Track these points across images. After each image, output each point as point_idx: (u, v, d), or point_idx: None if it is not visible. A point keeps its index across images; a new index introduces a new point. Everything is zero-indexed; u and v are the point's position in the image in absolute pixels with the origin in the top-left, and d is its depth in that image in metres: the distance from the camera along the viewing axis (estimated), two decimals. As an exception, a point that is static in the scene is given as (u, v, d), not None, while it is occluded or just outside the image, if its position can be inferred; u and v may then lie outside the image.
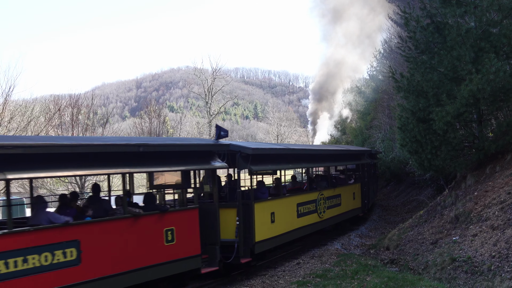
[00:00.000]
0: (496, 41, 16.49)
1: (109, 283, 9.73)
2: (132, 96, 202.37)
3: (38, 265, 8.57)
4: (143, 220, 10.66)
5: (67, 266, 9.04)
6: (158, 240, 10.93)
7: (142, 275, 10.45)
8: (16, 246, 8.30)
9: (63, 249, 9.02)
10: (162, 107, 48.10)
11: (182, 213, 11.81)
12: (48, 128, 27.55)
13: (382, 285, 11.68)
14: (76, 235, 9.29)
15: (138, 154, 10.65)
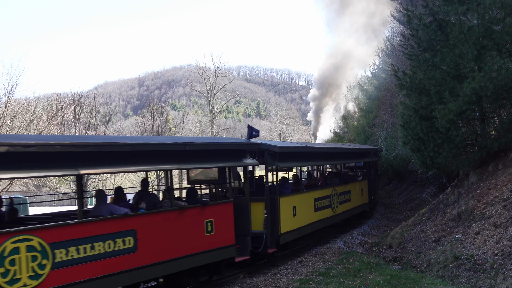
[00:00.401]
0: (499, 38, 16.45)
1: (160, 269, 10.86)
2: (135, 95, 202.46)
3: (103, 251, 9.64)
4: (187, 212, 11.79)
5: (126, 253, 10.12)
6: (200, 230, 12.06)
7: (187, 262, 11.56)
8: (86, 234, 9.37)
9: (123, 237, 10.10)
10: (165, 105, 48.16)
11: (220, 206, 12.86)
12: (51, 127, 27.57)
13: (384, 283, 11.68)
14: (133, 225, 10.36)
15: (184, 152, 11.79)
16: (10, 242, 8.26)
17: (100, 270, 9.56)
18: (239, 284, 12.68)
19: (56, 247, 8.87)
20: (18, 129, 25.18)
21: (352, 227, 22.20)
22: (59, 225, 9.23)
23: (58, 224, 9.25)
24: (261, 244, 14.24)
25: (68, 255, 9.04)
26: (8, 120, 24.40)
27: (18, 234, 8.40)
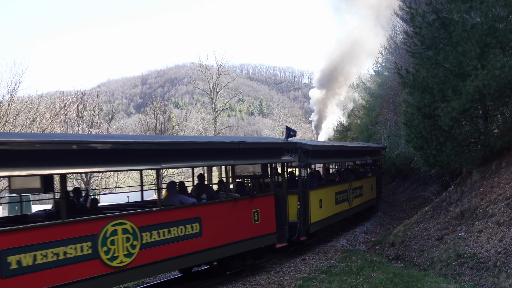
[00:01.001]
0: (502, 36, 16.43)
1: (219, 251, 12.52)
2: (137, 93, 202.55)
3: (177, 235, 11.31)
4: (239, 203, 13.43)
5: (194, 237, 11.78)
6: (249, 219, 13.77)
7: (239, 247, 13.23)
8: (164, 220, 11.03)
9: (191, 223, 11.77)
10: (167, 103, 48.03)
11: (264, 198, 14.48)
12: (54, 125, 27.60)
13: (387, 281, 11.66)
14: (199, 213, 12.02)
15: (238, 150, 13.54)
16: (110, 225, 9.93)
17: (175, 251, 11.28)
18: (242, 282, 12.68)
19: (143, 231, 10.55)
20: (21, 127, 25.21)
21: (355, 225, 22.20)
22: (145, 211, 10.85)
23: (144, 211, 10.87)
24: (295, 233, 16.01)
25: (152, 238, 10.72)
26: (11, 118, 24.41)
27: (116, 219, 10.10)
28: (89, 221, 9.72)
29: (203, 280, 13.35)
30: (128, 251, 10.17)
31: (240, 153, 13.59)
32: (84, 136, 12.21)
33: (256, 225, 13.92)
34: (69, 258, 9.13)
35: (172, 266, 11.52)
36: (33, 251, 8.63)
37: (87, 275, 9.45)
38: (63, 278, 9.03)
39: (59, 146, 9.16)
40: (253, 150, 14.29)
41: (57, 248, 8.95)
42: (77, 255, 9.29)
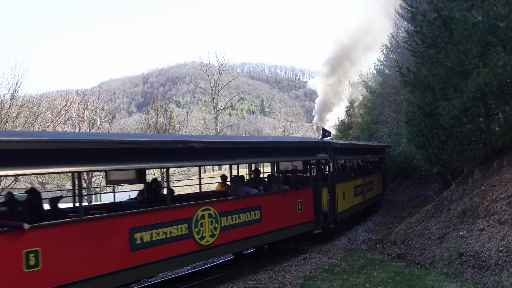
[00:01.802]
0: (504, 35, 16.40)
1: (274, 235, 14.73)
2: (139, 92, 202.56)
3: (243, 220, 13.46)
4: (288, 194, 15.62)
5: (256, 222, 13.95)
6: (294, 208, 15.94)
7: (288, 232, 15.42)
8: (235, 207, 13.20)
9: (254, 211, 13.96)
10: (169, 102, 48.06)
11: (305, 190, 16.64)
12: (55, 124, 27.61)
13: (389, 280, 11.65)
14: (259, 202, 14.21)
15: (288, 149, 15.84)
16: (200, 210, 12.04)
17: (243, 234, 13.41)
18: (244, 281, 12.68)
19: (222, 216, 12.69)
20: (23, 126, 25.23)
21: (356, 224, 22.21)
22: (223, 200, 12.99)
23: (223, 199, 13.00)
24: (326, 221, 18.12)
25: (227, 222, 12.85)
26: (12, 117, 24.43)
27: (204, 205, 12.23)
28: (186, 207, 11.87)
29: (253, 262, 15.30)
30: (212, 232, 12.36)
31: (289, 151, 16.05)
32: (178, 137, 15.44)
33: (300, 213, 16.23)
34: (173, 237, 11.28)
35: (241, 246, 13.72)
36: (150, 230, 10.65)
37: (184, 251, 11.56)
38: (169, 253, 11.09)
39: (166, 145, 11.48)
40: (298, 149, 16.69)
41: (165, 228, 11.06)
42: (178, 234, 11.44)
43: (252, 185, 14.86)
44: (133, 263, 10.24)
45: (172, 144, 11.64)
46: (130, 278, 10.38)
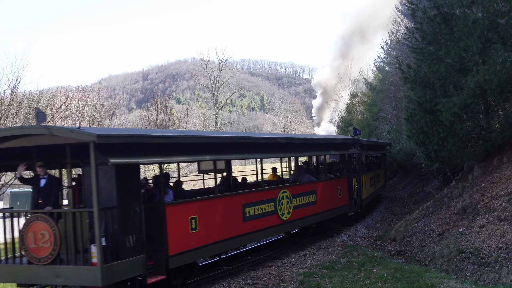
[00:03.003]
0: (504, 32, 16.38)
1: (323, 215, 18.03)
2: (139, 88, 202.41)
3: (304, 202, 16.74)
4: (332, 181, 19.09)
5: (312, 204, 17.32)
6: (336, 193, 19.31)
7: (332, 213, 18.79)
8: (301, 191, 16.62)
9: (312, 194, 17.31)
10: (169, 99, 47.91)
11: (342, 179, 20.17)
12: (55, 120, 27.57)
13: (388, 276, 11.66)
14: (315, 188, 17.63)
15: (327, 145, 19.11)
16: (281, 192, 15.37)
17: (305, 213, 16.74)
18: (243, 277, 12.69)
19: (294, 197, 16.06)
20: (23, 122, 25.18)
21: (356, 221, 22.22)
22: (294, 184, 16.56)
23: (294, 184, 16.59)
24: (355, 206, 21.21)
25: (297, 202, 16.21)
26: (12, 113, 24.38)
27: (282, 188, 15.59)
28: (272, 189, 15.26)
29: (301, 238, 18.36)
30: (288, 210, 15.64)
31: (328, 147, 19.13)
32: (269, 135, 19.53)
33: (340, 198, 19.63)
34: (265, 212, 14.43)
35: (304, 222, 16.87)
36: (253, 206, 13.92)
37: (271, 224, 14.76)
38: (262, 225, 14.27)
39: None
40: (337, 144, 20.05)
41: (261, 205, 14.30)
42: (268, 211, 14.61)
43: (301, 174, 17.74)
44: (244, 231, 13.51)
45: (266, 140, 15.65)
46: (243, 242, 14.04)
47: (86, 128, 9.77)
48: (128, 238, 9.74)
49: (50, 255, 9.53)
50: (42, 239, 9.59)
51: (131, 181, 10.04)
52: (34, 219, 9.74)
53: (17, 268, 10.04)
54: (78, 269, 9.26)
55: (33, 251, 9.69)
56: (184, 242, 11.12)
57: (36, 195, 10.59)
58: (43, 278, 9.75)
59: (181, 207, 11.28)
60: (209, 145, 12.43)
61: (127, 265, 9.59)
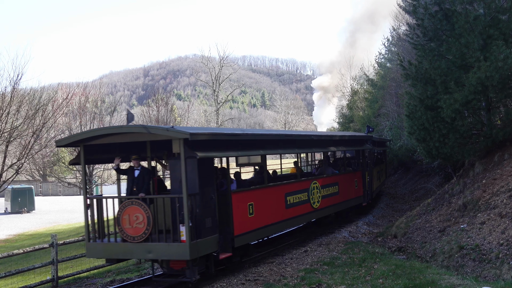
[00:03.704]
0: (505, 28, 16.33)
1: (344, 204, 20.20)
2: (140, 85, 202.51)
3: (330, 192, 18.82)
4: (350, 174, 21.53)
5: (335, 194, 19.40)
6: (353, 185, 21.58)
7: (350, 202, 21.01)
8: (327, 183, 18.65)
9: (335, 185, 19.37)
10: (170, 95, 47.82)
11: (358, 172, 22.44)
12: (56, 116, 27.57)
13: (389, 272, 11.66)
14: (337, 180, 19.75)
15: (346, 141, 21.34)
16: (312, 183, 17.42)
17: (330, 202, 18.82)
18: (245, 273, 12.71)
19: (322, 187, 18.12)
20: (24, 118, 25.21)
21: (357, 217, 22.24)
22: (323, 176, 18.64)
23: (323, 176, 18.67)
24: (367, 197, 23.41)
25: (324, 192, 18.24)
26: (13, 109, 24.39)
27: (313, 180, 17.70)
28: (305, 180, 17.25)
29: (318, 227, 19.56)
30: (318, 199, 17.68)
31: (346, 143, 21.38)
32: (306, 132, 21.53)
33: (356, 189, 21.83)
34: (300, 201, 16.45)
35: (330, 211, 18.88)
36: (292, 195, 15.91)
37: (305, 211, 16.81)
38: (299, 212, 16.26)
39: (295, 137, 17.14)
40: (355, 141, 22.66)
41: (297, 194, 16.30)
42: (303, 200, 16.64)
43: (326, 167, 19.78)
44: (286, 216, 15.48)
45: (304, 137, 17.91)
46: (286, 227, 16.08)
47: (177, 127, 11.53)
48: (207, 220, 11.67)
49: (143, 234, 11.26)
50: (136, 221, 11.32)
51: (208, 172, 11.99)
52: (129, 203, 11.47)
53: (112, 246, 11.88)
54: (169, 245, 11.09)
55: (128, 231, 11.40)
56: (244, 225, 13.10)
57: (131, 184, 12.15)
58: (137, 253, 11.63)
59: (242, 195, 13.29)
60: (263, 142, 14.70)
61: (206, 242, 11.51)
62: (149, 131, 11.38)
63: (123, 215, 11.49)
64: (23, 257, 21.61)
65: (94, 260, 16.17)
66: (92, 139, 12.07)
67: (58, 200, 63.13)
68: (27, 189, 49.46)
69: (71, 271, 15.74)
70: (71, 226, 35.52)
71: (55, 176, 34.96)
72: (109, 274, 15.07)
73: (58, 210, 49.22)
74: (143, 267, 15.43)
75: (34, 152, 26.52)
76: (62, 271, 15.74)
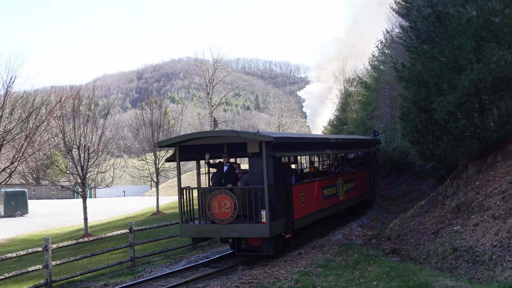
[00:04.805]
0: (498, 30, 16.38)
1: (358, 198, 23.33)
2: (133, 87, 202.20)
3: (350, 187, 21.82)
4: (362, 172, 24.64)
5: (352, 189, 22.27)
6: (363, 182, 24.56)
7: (361, 197, 24.10)
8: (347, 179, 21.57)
9: (352, 182, 22.32)
10: (163, 98, 47.74)
11: (366, 171, 25.62)
12: (50, 119, 27.42)
13: (383, 275, 11.64)
14: (353, 177, 22.74)
15: (356, 144, 24.50)
16: (338, 179, 20.25)
17: (349, 196, 21.61)
18: (239, 276, 12.68)
19: (344, 183, 20.99)
20: (17, 122, 25.06)
21: (351, 219, 22.25)
22: (344, 174, 21.46)
23: (344, 174, 21.47)
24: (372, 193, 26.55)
25: (346, 187, 21.22)
26: (6, 112, 24.23)
27: (339, 176, 20.47)
28: (333, 177, 20.15)
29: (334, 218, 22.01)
30: (342, 193, 20.54)
31: (355, 145, 24.32)
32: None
33: (365, 186, 24.79)
34: (330, 194, 19.21)
35: (349, 203, 21.73)
36: (326, 189, 18.76)
37: (333, 203, 19.54)
38: (329, 204, 19.07)
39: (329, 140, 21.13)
40: (366, 143, 25.92)
41: (329, 188, 19.13)
42: (333, 193, 19.51)
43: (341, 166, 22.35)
44: (323, 206, 18.33)
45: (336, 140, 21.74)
46: (323, 215, 18.41)
47: (262, 132, 14.43)
48: (278, 206, 14.50)
49: (230, 217, 14.02)
50: (224, 207, 14.05)
51: (279, 168, 14.81)
52: (218, 193, 14.23)
53: (202, 227, 14.70)
54: (252, 226, 13.89)
55: (217, 215, 14.15)
56: (299, 211, 15.94)
57: (220, 176, 14.96)
58: (224, 233, 14.27)
59: (299, 187, 16.28)
60: (312, 144, 18.65)
61: (278, 224, 14.36)
62: (239, 135, 14.37)
63: (213, 202, 14.18)
64: (16, 261, 21.51)
65: (88, 263, 16.17)
66: (186, 141, 15.12)
67: (52, 203, 62.83)
68: (20, 193, 49.19)
69: (65, 274, 15.68)
70: (64, 229, 35.37)
71: (49, 180, 34.82)
72: (103, 278, 15.00)
73: (51, 214, 49.00)
74: (136, 270, 15.38)
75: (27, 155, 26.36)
76: (55, 275, 15.68)
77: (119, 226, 30.72)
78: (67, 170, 29.64)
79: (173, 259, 16.58)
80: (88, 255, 15.63)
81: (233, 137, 14.59)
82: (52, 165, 31.90)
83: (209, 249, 17.85)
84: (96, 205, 54.52)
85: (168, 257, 17.12)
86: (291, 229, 15.23)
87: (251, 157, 14.98)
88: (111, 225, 32.97)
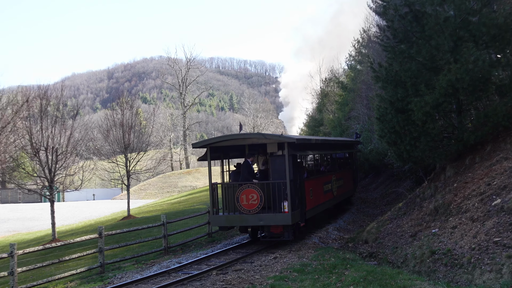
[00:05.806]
0: (475, 30, 16.29)
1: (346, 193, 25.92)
2: (104, 87, 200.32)
3: (340, 184, 23.88)
4: (347, 171, 26.82)
5: (341, 186, 24.15)
6: (349, 180, 26.64)
7: (348, 193, 26.48)
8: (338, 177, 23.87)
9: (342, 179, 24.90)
10: (135, 98, 46.76)
11: (351, 170, 27.91)
12: (16, 120, 26.66)
13: (360, 279, 11.45)
14: (342, 175, 24.85)
15: (341, 145, 25.84)
16: (333, 176, 22.46)
17: (340, 191, 23.74)
18: (212, 282, 12.43)
19: (336, 180, 22.81)
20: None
21: (327, 222, 22.04)
22: (335, 172, 23.39)
23: (335, 172, 23.40)
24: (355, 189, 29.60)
25: (338, 184, 23.16)
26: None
27: (333, 174, 22.69)
28: (329, 174, 22.21)
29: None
30: (336, 189, 22.48)
31: (348, 146, 27.18)
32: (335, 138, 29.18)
33: (350, 183, 27.00)
34: (329, 189, 21.44)
35: (340, 198, 23.98)
36: (325, 184, 20.96)
37: (330, 197, 21.73)
38: (328, 197, 21.22)
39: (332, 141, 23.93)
40: (350, 145, 28.14)
41: (328, 184, 21.26)
42: (329, 188, 21.54)
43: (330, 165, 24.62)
44: (324, 200, 20.53)
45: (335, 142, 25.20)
46: (323, 208, 20.38)
47: (285, 135, 17.38)
48: (296, 198, 16.70)
49: (257, 208, 16.22)
50: (251, 199, 16.26)
51: (296, 164, 17.28)
52: (246, 187, 16.43)
53: (232, 216, 16.91)
54: (275, 215, 16.14)
55: (245, 206, 16.35)
56: (309, 203, 18.23)
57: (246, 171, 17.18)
58: (251, 221, 16.43)
59: (309, 182, 18.59)
60: (320, 145, 21.10)
61: (296, 214, 16.56)
62: (265, 137, 17.09)
63: (241, 195, 16.38)
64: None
65: (56, 269, 15.66)
66: (216, 143, 17.39)
67: (18, 207, 61.75)
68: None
69: (32, 282, 15.09)
70: (31, 234, 34.44)
71: (15, 183, 33.85)
72: (72, 285, 14.46)
73: (17, 218, 47.98)
74: (106, 276, 14.86)
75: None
76: (21, 283, 15.08)
77: (88, 230, 29.99)
78: (34, 172, 28.78)
79: (144, 265, 16.10)
80: (56, 261, 15.10)
81: (259, 138, 17.21)
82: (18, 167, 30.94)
83: (181, 254, 17.44)
84: (65, 209, 53.74)
85: (139, 263, 16.63)
86: (304, 218, 17.57)
87: (272, 156, 17.40)
88: (80, 230, 32.15)
